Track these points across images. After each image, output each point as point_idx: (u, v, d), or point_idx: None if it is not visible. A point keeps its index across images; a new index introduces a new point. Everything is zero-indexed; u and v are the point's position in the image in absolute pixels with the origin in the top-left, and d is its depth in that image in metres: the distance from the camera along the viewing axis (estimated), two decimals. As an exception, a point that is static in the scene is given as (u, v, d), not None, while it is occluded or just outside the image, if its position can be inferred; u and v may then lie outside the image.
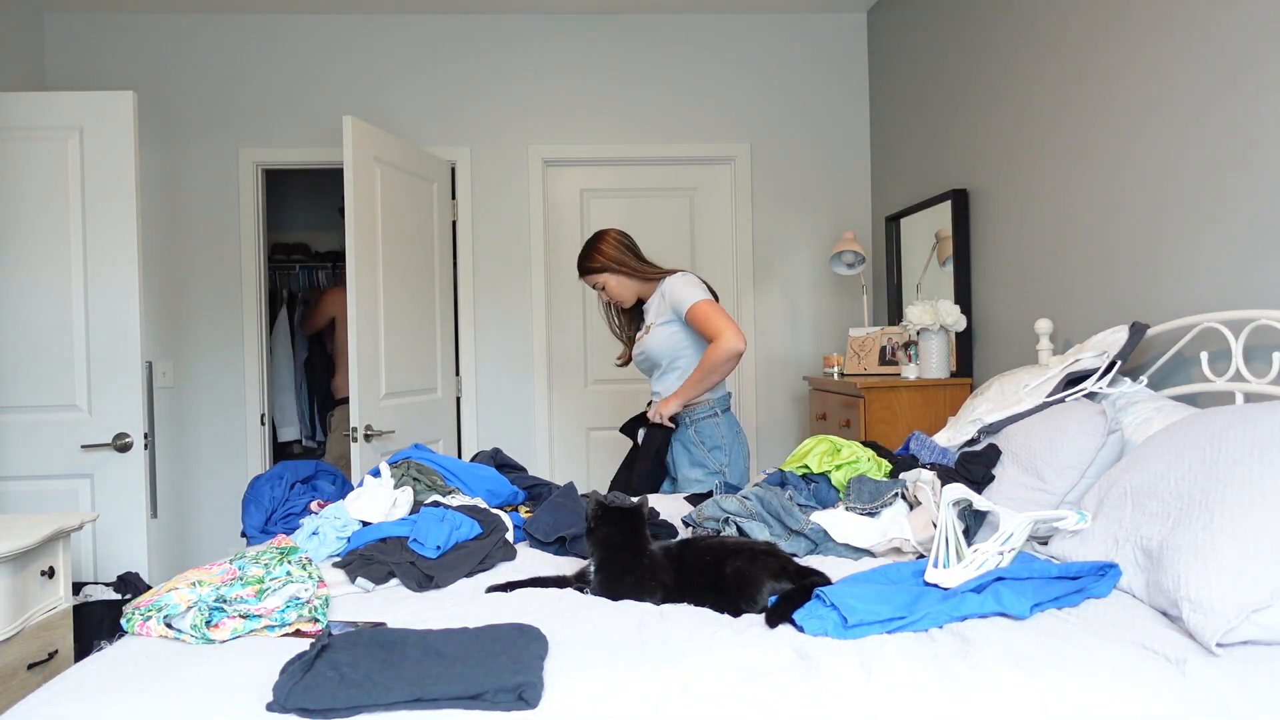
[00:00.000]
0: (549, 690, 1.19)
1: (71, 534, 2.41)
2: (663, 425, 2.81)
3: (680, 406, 2.80)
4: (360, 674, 1.18)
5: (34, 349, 3.17)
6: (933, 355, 3.32)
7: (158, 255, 4.18)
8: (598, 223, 4.52)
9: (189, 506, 4.28)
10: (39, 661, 2.21)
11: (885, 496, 2.01)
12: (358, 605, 1.62)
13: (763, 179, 4.46)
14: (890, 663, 1.27)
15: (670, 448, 2.87)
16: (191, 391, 4.27)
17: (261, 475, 2.37)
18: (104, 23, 4.22)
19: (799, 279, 4.50)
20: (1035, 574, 1.56)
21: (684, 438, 2.85)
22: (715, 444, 2.82)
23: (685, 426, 2.84)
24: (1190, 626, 1.35)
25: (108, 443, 3.16)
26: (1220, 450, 1.57)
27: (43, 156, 3.17)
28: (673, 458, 2.88)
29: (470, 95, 4.37)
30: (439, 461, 2.29)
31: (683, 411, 2.83)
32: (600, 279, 2.96)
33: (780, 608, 1.47)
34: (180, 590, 1.47)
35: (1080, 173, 2.79)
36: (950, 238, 3.54)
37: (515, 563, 1.91)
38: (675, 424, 2.82)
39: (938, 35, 3.74)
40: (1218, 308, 2.22)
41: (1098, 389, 2.24)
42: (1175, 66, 2.36)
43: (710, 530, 2.01)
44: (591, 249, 2.97)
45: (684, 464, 2.85)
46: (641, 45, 4.45)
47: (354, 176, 3.42)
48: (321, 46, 4.32)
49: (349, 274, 3.42)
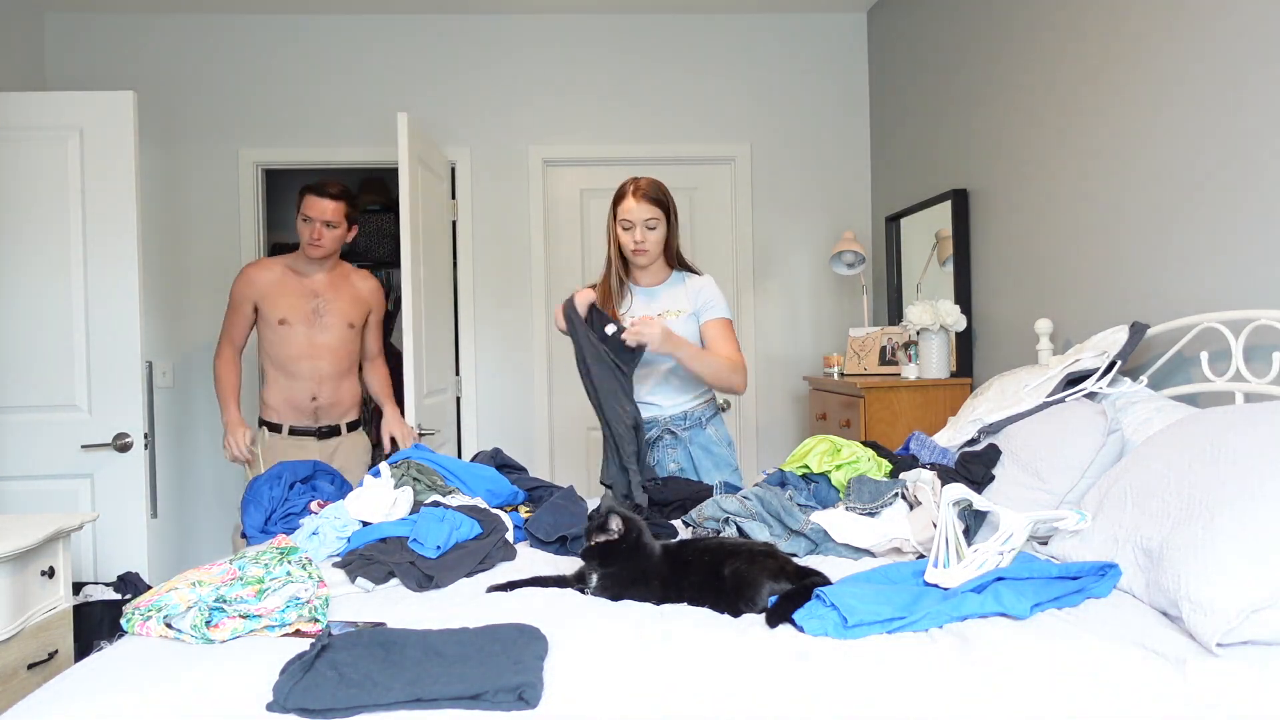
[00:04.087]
0: (549, 690, 1.19)
1: (71, 534, 2.41)
2: (634, 348, 2.52)
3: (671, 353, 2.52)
4: (360, 674, 1.18)
5: (34, 349, 3.16)
6: (933, 355, 3.32)
7: (158, 255, 4.18)
8: (598, 222, 4.52)
9: (189, 506, 4.28)
10: (39, 661, 2.20)
11: (885, 496, 2.01)
12: (358, 605, 1.61)
13: (763, 179, 4.46)
14: (890, 663, 1.27)
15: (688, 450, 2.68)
16: (191, 391, 4.27)
17: (260, 475, 2.37)
18: (104, 23, 4.22)
19: (799, 279, 4.50)
20: (1035, 574, 1.56)
21: (702, 440, 2.68)
22: (728, 440, 2.74)
23: (701, 428, 2.68)
24: (1190, 626, 1.35)
25: (108, 443, 3.16)
26: (1220, 450, 1.57)
27: (43, 156, 3.17)
28: (691, 462, 2.67)
29: (470, 95, 4.37)
30: (439, 461, 2.29)
31: (694, 411, 2.68)
32: (659, 219, 2.63)
33: (780, 608, 1.47)
34: (180, 590, 1.47)
35: (1080, 173, 2.79)
36: (950, 238, 3.54)
37: (515, 563, 1.91)
38: (636, 348, 2.51)
39: (938, 35, 3.74)
40: (1218, 308, 2.22)
41: (1098, 389, 2.24)
42: (1175, 67, 2.36)
43: (710, 530, 2.01)
44: (662, 186, 2.66)
45: (708, 467, 2.65)
46: (641, 45, 4.45)
47: (408, 176, 3.44)
48: (321, 47, 4.32)
49: (405, 273, 3.43)
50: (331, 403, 3.21)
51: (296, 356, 3.16)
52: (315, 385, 3.17)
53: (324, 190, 3.14)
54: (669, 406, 2.69)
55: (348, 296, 3.26)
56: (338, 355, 3.21)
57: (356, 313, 3.27)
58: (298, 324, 3.16)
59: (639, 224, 2.61)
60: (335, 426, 3.24)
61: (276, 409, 3.19)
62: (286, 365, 3.17)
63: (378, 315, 3.37)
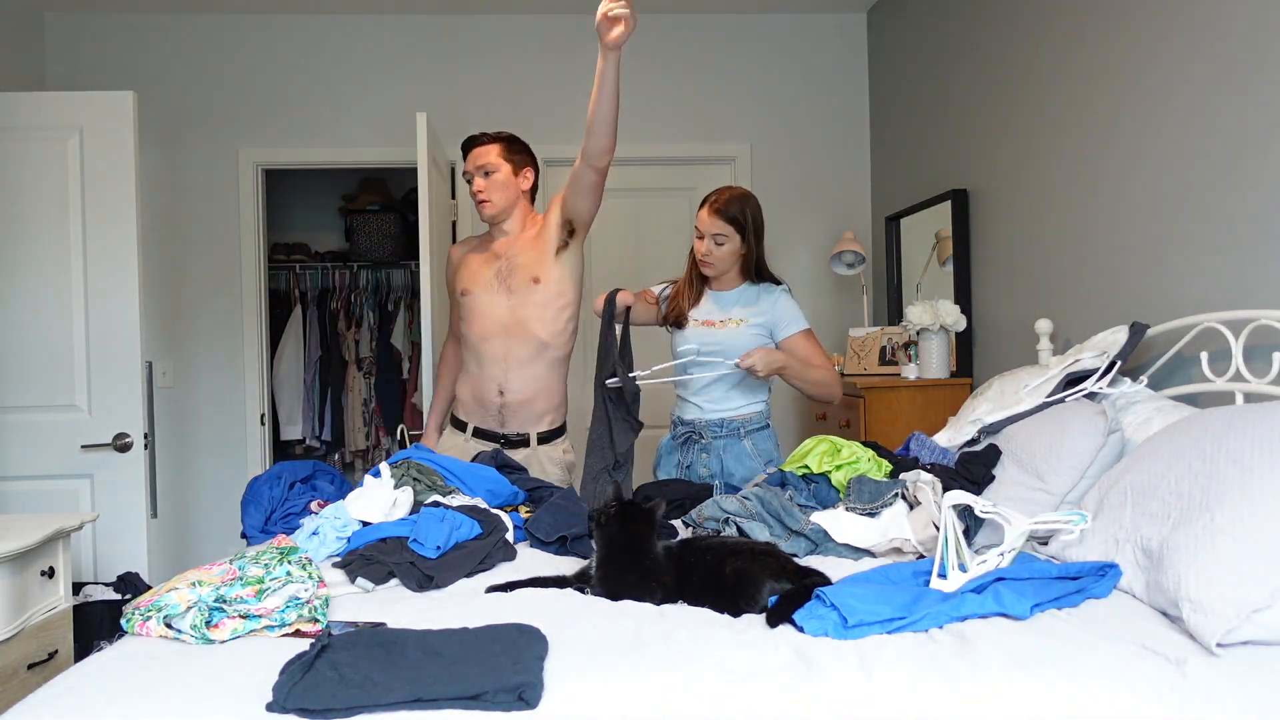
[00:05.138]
0: (549, 690, 1.19)
1: (71, 534, 2.41)
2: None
3: (779, 374, 2.51)
4: (360, 674, 1.18)
5: (34, 349, 3.17)
6: (933, 355, 3.32)
7: (158, 255, 4.18)
8: (598, 222, 4.47)
9: (189, 506, 4.28)
10: (39, 661, 2.21)
11: (885, 497, 2.01)
12: (358, 605, 1.61)
13: (763, 179, 4.46)
14: (890, 663, 1.27)
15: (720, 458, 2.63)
16: (191, 391, 4.27)
17: (260, 475, 2.37)
18: (104, 23, 4.22)
19: (799, 279, 4.49)
20: (1035, 574, 1.56)
21: (738, 450, 2.62)
22: (769, 457, 2.65)
23: (738, 439, 2.62)
24: (1190, 627, 1.35)
25: (108, 443, 3.16)
26: (1220, 450, 1.57)
27: (43, 156, 3.17)
28: (723, 469, 2.62)
29: (469, 95, 4.36)
30: (439, 461, 2.29)
31: (732, 420, 2.62)
32: (729, 236, 2.58)
33: (780, 608, 1.47)
34: (180, 590, 1.47)
35: (1080, 173, 2.79)
36: (950, 238, 3.54)
37: (515, 563, 1.91)
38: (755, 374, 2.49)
39: (938, 35, 3.74)
40: (1218, 308, 2.22)
41: (1098, 389, 2.24)
42: (1176, 68, 2.36)
43: (710, 530, 2.01)
44: (745, 201, 2.62)
45: (739, 479, 2.57)
46: (641, 45, 4.43)
47: (426, 176, 3.41)
48: (322, 47, 4.32)
49: (423, 276, 3.37)
50: (521, 400, 2.70)
51: (483, 333, 2.70)
52: (503, 372, 2.68)
53: (475, 139, 2.75)
54: (710, 411, 2.66)
55: (531, 247, 2.71)
56: (528, 329, 2.67)
57: (538, 259, 2.68)
58: (480, 292, 2.71)
59: (709, 236, 2.61)
60: (524, 437, 2.72)
61: (464, 403, 2.76)
62: (476, 345, 2.72)
63: (557, 201, 2.77)
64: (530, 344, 2.70)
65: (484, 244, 2.83)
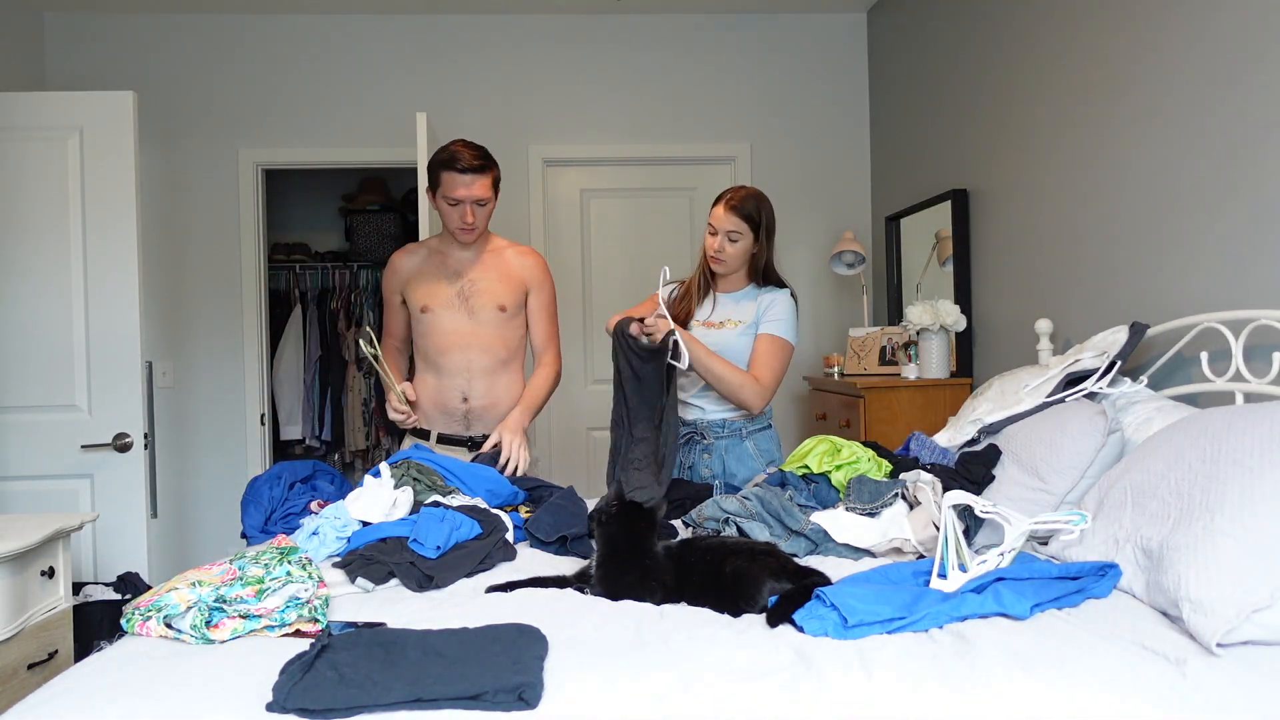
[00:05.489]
0: (549, 690, 1.19)
1: (71, 534, 2.41)
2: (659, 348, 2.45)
3: (690, 364, 2.45)
4: (360, 674, 1.18)
5: (34, 349, 3.16)
6: (933, 355, 3.32)
7: (158, 255, 4.18)
8: (598, 222, 4.54)
9: (189, 506, 4.28)
10: (39, 661, 2.20)
11: (885, 497, 2.01)
12: (357, 605, 1.61)
13: (763, 179, 4.45)
14: (890, 663, 1.27)
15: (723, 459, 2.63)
16: (191, 391, 4.28)
17: (260, 475, 2.36)
18: (104, 23, 4.22)
19: (799, 279, 4.49)
20: (1035, 574, 1.56)
21: (740, 451, 2.63)
22: (771, 458, 2.64)
23: (740, 439, 2.63)
24: (1190, 627, 1.35)
25: (108, 443, 3.16)
26: (1220, 450, 1.57)
27: (43, 156, 3.17)
28: (725, 470, 2.63)
29: (469, 95, 4.37)
30: (439, 461, 2.29)
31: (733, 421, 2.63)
32: (743, 234, 2.59)
33: (780, 608, 1.47)
34: (180, 590, 1.47)
35: (1080, 172, 2.79)
36: (950, 238, 3.54)
37: (515, 563, 1.91)
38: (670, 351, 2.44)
39: (938, 35, 3.74)
40: (1218, 308, 2.22)
41: (1098, 389, 2.24)
42: (1176, 67, 2.36)
43: (710, 530, 2.01)
44: (761, 201, 2.61)
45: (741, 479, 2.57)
46: (642, 45, 4.45)
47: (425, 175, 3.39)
48: (321, 47, 4.32)
49: None
50: (485, 405, 2.76)
51: (443, 347, 2.76)
52: (466, 382, 2.74)
53: (466, 164, 2.67)
54: (712, 412, 2.65)
55: (497, 274, 2.80)
56: (490, 345, 2.76)
57: (508, 293, 2.78)
58: (440, 310, 2.76)
59: (722, 233, 2.59)
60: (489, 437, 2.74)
61: (425, 411, 2.81)
62: (435, 359, 2.78)
63: (541, 297, 2.85)
64: (492, 357, 2.78)
65: (438, 258, 2.82)
